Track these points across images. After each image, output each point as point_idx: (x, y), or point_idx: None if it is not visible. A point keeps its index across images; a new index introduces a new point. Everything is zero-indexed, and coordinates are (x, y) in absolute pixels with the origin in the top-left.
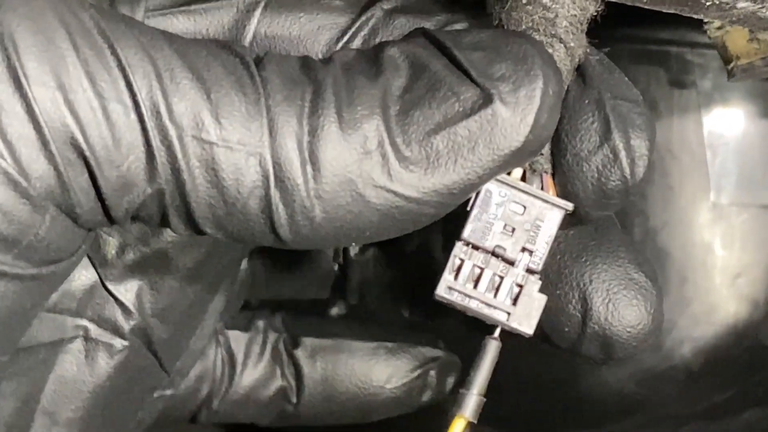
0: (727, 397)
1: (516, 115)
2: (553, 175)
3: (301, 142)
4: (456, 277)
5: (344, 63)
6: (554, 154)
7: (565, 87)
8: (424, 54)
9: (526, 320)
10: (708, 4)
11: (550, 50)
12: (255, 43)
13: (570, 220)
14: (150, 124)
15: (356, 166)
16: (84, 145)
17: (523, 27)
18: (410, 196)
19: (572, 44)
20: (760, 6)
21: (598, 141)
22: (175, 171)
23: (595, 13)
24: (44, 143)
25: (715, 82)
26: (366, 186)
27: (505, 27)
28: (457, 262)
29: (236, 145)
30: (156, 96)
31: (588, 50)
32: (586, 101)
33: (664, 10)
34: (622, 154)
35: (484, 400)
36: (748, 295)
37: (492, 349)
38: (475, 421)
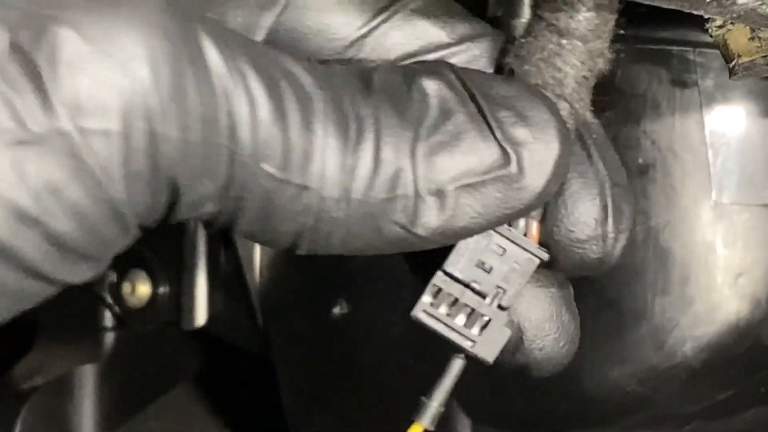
0: (729, 396)
1: (530, 180)
2: (540, 221)
3: (341, 179)
4: (432, 302)
5: (382, 92)
6: (548, 212)
7: None
8: (452, 98)
9: (488, 350)
10: (708, 0)
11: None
12: (284, 13)
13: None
14: (236, 161)
15: (382, 205)
16: (180, 180)
17: (532, 80)
18: (421, 235)
19: (576, 105)
20: (760, 3)
21: (593, 225)
22: (240, 199)
23: (605, 72)
24: (155, 182)
25: (716, 82)
26: (386, 222)
27: (516, 72)
28: (435, 289)
29: (296, 181)
30: (246, 134)
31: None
32: (590, 182)
33: (665, 6)
34: (610, 243)
35: (443, 410)
36: (750, 294)
37: (457, 366)
38: (432, 429)
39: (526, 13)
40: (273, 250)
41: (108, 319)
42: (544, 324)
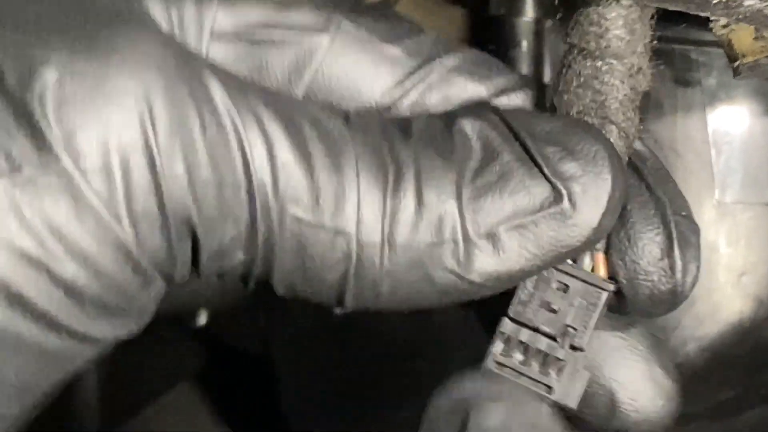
0: (731, 396)
1: (583, 215)
2: (605, 253)
3: (383, 224)
4: (502, 351)
5: (421, 137)
6: (611, 245)
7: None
8: (496, 138)
9: (569, 394)
10: (715, 1)
11: (603, 132)
12: (314, 81)
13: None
14: (258, 203)
15: (429, 250)
16: (196, 221)
17: (574, 110)
18: (473, 281)
19: (624, 125)
20: (766, 4)
21: (659, 255)
22: (269, 245)
23: (647, 89)
24: (164, 222)
25: (719, 81)
26: (435, 269)
27: (558, 108)
28: (504, 337)
29: (329, 225)
30: (266, 174)
31: (640, 136)
32: (652, 212)
33: (671, 8)
34: (679, 274)
35: None
36: (753, 293)
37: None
38: None
39: (529, 11)
40: None
41: None
42: (636, 383)
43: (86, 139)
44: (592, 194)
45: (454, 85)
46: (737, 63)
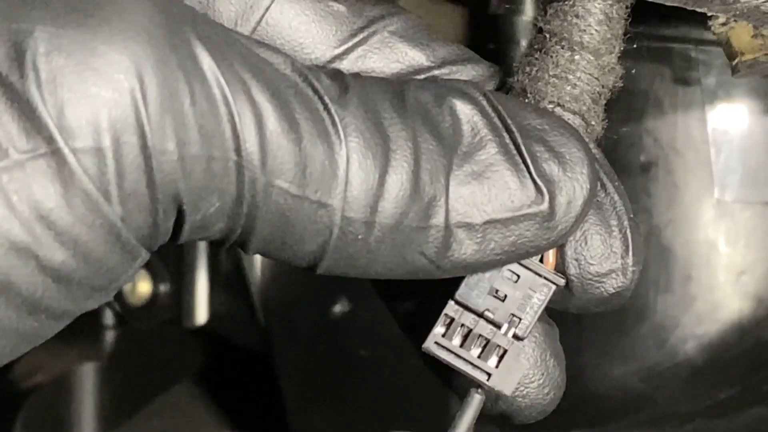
0: (731, 395)
1: (559, 219)
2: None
3: (368, 201)
4: (444, 333)
5: (417, 110)
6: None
7: None
8: (485, 126)
9: (505, 382)
10: None
11: (581, 135)
12: (258, 30)
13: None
14: (246, 176)
15: (413, 234)
16: (183, 196)
17: (547, 100)
18: (443, 267)
19: (593, 122)
20: (764, 0)
21: (614, 259)
22: (252, 215)
23: (614, 88)
24: (153, 199)
25: (719, 79)
26: (412, 252)
27: (529, 96)
28: (447, 319)
29: (313, 198)
30: (254, 146)
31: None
32: (609, 215)
33: (668, 4)
34: (629, 277)
35: None
36: (753, 292)
37: (475, 401)
38: None
39: (528, 10)
40: None
41: (108, 317)
42: (528, 370)
43: (77, 117)
44: (568, 200)
45: (395, 49)
46: (736, 61)
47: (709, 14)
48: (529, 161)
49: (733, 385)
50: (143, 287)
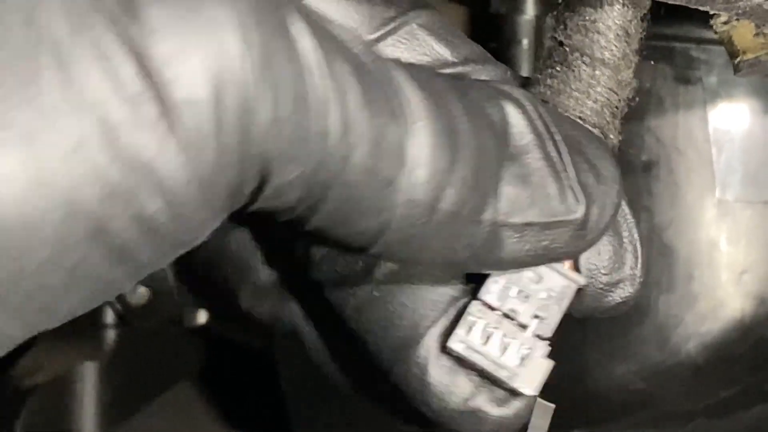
0: (733, 394)
1: (589, 229)
2: None
3: (436, 185)
4: (468, 333)
5: (477, 107)
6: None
7: None
8: (529, 133)
9: (530, 382)
10: None
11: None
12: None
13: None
14: (329, 143)
15: (466, 226)
16: (271, 160)
17: (570, 114)
18: (481, 261)
19: (611, 136)
20: None
21: (626, 269)
22: (326, 186)
23: (629, 101)
24: (244, 158)
25: (720, 79)
26: (461, 244)
27: (552, 105)
28: (471, 319)
29: (385, 173)
30: (336, 116)
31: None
32: (621, 226)
33: (671, 2)
34: (637, 285)
35: None
36: (754, 291)
37: (547, 412)
38: None
39: (530, 10)
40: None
41: (109, 316)
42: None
43: (182, 67)
44: (600, 211)
45: (423, 42)
46: (738, 60)
47: (712, 13)
48: (570, 171)
49: (734, 384)
50: (144, 287)
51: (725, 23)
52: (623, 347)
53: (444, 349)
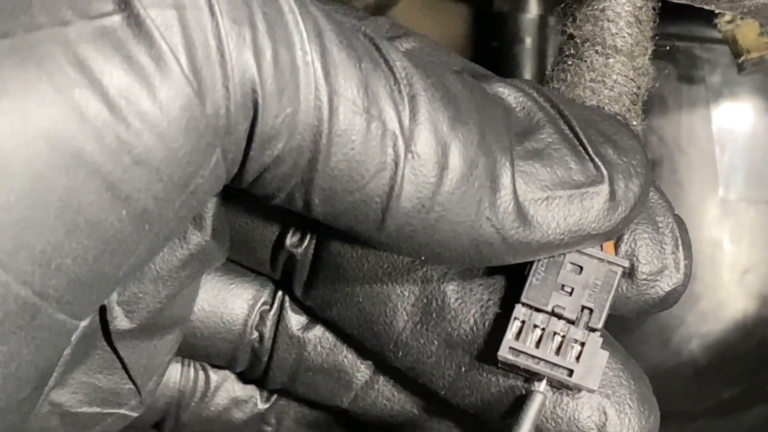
0: (735, 394)
1: (618, 201)
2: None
3: (439, 140)
4: (517, 337)
5: (474, 87)
6: (619, 239)
7: None
8: (539, 112)
9: (589, 376)
10: None
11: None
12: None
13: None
14: (312, 77)
15: (481, 192)
16: (259, 90)
17: (589, 104)
18: (510, 241)
19: (634, 123)
20: None
21: (666, 254)
22: (318, 132)
23: (649, 90)
24: (226, 76)
25: (723, 78)
26: (480, 216)
27: (569, 99)
28: (518, 323)
29: (379, 118)
30: (315, 56)
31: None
32: (658, 210)
33: (675, 0)
34: (683, 269)
35: None
36: (757, 291)
37: (537, 402)
38: None
39: (533, 8)
40: None
41: None
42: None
43: (162, 13)
44: (627, 183)
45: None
46: (742, 59)
47: (716, 12)
48: (586, 143)
49: (737, 384)
50: None
51: (729, 22)
52: (625, 347)
53: (495, 360)
